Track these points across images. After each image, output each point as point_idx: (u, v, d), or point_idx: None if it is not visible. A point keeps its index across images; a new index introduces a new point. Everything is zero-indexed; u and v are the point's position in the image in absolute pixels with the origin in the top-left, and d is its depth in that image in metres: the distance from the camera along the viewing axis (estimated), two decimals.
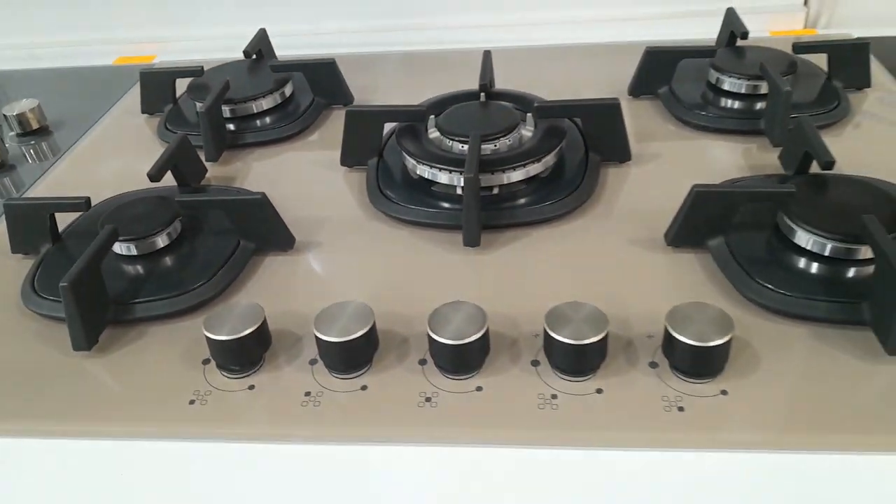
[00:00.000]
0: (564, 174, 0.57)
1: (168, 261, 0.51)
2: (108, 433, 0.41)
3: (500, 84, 0.70)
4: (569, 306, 0.41)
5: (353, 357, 0.42)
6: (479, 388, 0.41)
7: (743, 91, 0.64)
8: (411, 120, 0.59)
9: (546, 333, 0.40)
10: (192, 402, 0.41)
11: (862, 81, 0.66)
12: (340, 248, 0.53)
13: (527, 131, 0.58)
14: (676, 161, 0.59)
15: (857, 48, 0.66)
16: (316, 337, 0.41)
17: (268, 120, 0.69)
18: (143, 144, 0.69)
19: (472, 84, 0.64)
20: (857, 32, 0.79)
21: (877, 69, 0.70)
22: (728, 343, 0.39)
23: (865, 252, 0.44)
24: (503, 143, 0.56)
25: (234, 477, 0.38)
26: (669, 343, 0.40)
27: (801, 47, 0.66)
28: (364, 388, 0.41)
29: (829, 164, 0.48)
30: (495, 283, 0.48)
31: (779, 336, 0.42)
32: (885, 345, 0.40)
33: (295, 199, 0.58)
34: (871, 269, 0.44)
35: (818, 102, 0.63)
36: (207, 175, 0.62)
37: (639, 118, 0.66)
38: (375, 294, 0.48)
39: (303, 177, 0.62)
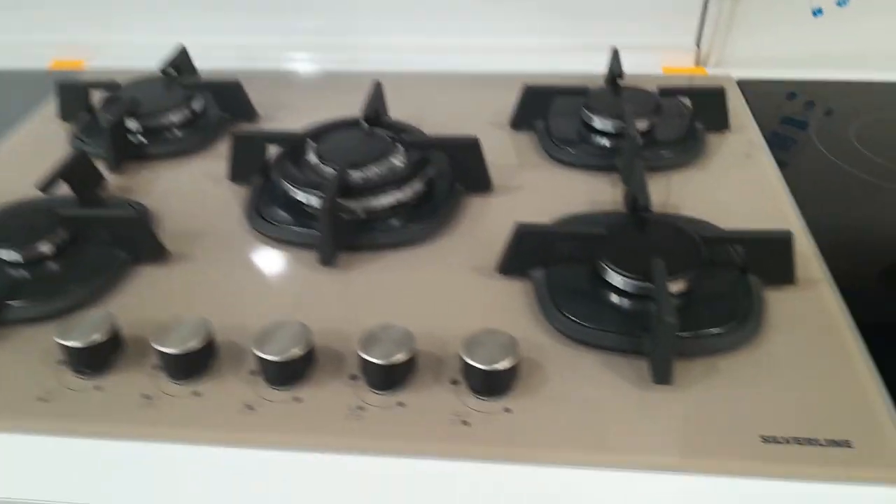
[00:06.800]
0: (431, 202, 0.62)
1: (49, 267, 0.56)
2: None
3: (399, 107, 0.75)
4: (381, 328, 0.46)
5: (189, 367, 0.47)
6: (296, 399, 0.46)
7: (610, 130, 0.70)
8: (290, 145, 0.64)
9: (358, 354, 0.45)
10: (40, 398, 0.47)
11: (721, 124, 0.72)
12: (210, 263, 0.58)
13: (398, 160, 0.63)
14: (535, 194, 0.65)
15: (715, 93, 0.71)
16: (155, 349, 0.46)
17: (175, 134, 0.74)
18: (56, 152, 0.73)
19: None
20: (741, 73, 0.85)
21: (742, 112, 0.76)
22: (512, 367, 0.44)
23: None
24: (372, 171, 0.61)
25: (74, 469, 0.43)
26: (463, 365, 0.45)
27: (666, 91, 0.71)
28: (196, 394, 0.47)
29: (643, 207, 0.54)
30: (339, 301, 0.53)
31: (571, 361, 0.48)
32: (653, 376, 0.46)
33: (182, 211, 0.64)
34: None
35: (676, 143, 0.69)
36: (110, 185, 0.67)
37: (514, 150, 0.71)
38: (225, 305, 0.53)
39: (194, 190, 0.67)
